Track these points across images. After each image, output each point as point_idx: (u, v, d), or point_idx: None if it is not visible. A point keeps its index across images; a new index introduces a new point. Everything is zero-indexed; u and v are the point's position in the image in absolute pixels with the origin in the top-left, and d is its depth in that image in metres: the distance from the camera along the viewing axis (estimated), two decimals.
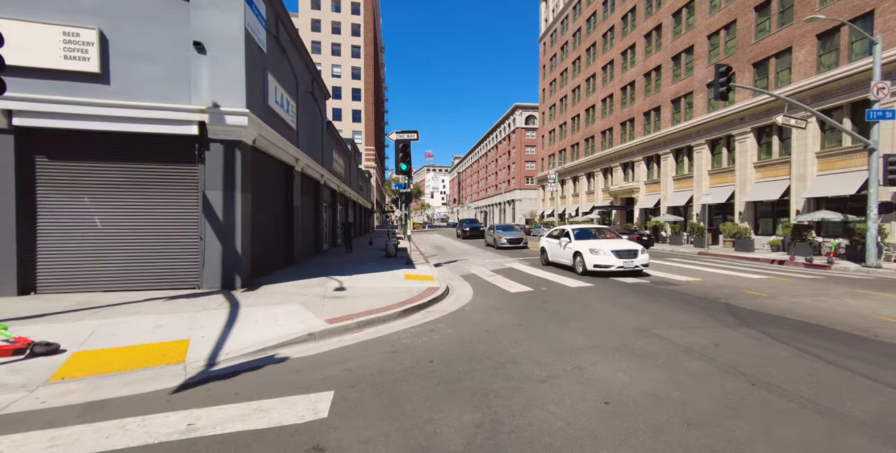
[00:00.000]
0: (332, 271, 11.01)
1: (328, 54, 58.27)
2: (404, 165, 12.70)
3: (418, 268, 12.23)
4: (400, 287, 8.60)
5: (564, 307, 6.63)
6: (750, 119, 22.60)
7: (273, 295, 7.59)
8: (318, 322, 5.59)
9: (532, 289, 8.52)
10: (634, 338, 4.73)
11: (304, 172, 13.78)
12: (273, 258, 11.01)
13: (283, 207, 12.02)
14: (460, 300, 7.66)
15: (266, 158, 10.28)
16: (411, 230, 13.54)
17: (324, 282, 9.09)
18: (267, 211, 10.54)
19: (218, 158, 7.99)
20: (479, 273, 11.58)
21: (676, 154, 29.45)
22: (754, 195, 22.10)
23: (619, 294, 7.69)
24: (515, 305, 6.91)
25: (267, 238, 10.48)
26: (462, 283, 9.74)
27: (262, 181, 10.05)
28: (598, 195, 40.08)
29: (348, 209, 26.27)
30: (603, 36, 39.36)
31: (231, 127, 7.93)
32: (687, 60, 28.10)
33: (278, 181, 11.57)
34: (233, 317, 5.87)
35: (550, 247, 13.10)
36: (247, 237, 8.49)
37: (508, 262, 13.98)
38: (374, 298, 7.32)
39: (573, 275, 10.50)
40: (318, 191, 16.43)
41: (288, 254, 12.34)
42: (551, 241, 13.19)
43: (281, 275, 10.12)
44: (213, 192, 7.99)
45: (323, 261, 13.92)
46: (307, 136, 14.44)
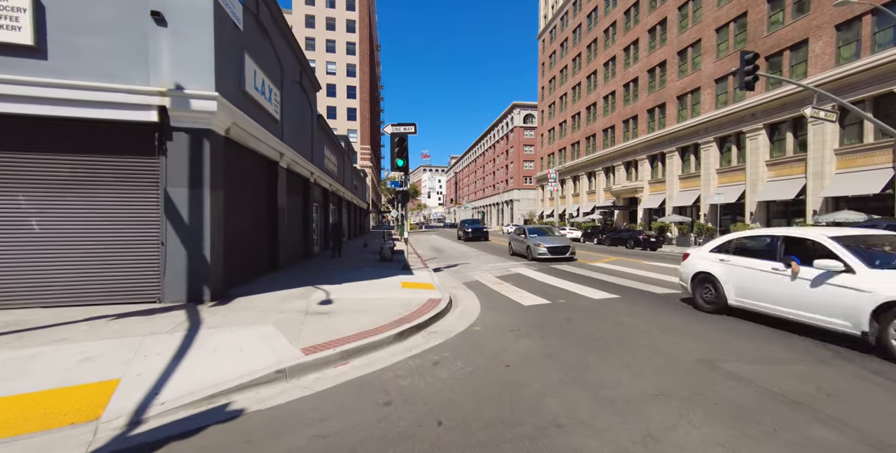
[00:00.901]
0: (319, 279, 9.85)
1: (322, 51, 56.97)
2: (401, 161, 11.56)
3: (416, 274, 11.09)
4: (396, 298, 7.46)
5: (595, 326, 5.51)
6: (762, 115, 21.64)
7: (246, 310, 6.42)
8: (291, 351, 4.44)
9: (549, 301, 7.40)
10: (706, 378, 3.60)
11: (291, 169, 12.60)
12: (253, 264, 9.83)
13: (265, 207, 10.83)
14: (467, 315, 6.53)
15: (244, 152, 9.10)
16: (408, 231, 12.37)
17: (308, 293, 7.93)
18: (246, 211, 9.36)
19: (182, 150, 6.82)
20: (484, 280, 10.45)
21: (682, 152, 28.49)
22: (767, 194, 21.14)
23: (655, 309, 6.58)
24: (535, 323, 5.79)
25: (245, 242, 9.30)
26: (466, 293, 8.61)
27: (239, 177, 8.87)
28: (599, 195, 39.11)
29: (342, 209, 25.07)
30: (604, 32, 38.39)
31: (198, 113, 6.75)
32: (694, 55, 27.14)
33: (260, 178, 10.39)
34: (187, 343, 4.70)
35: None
36: (218, 241, 7.31)
37: (515, 267, 12.87)
38: (364, 314, 6.17)
39: (591, 284, 9.40)
40: (307, 189, 15.25)
41: (271, 259, 11.15)
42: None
43: (261, 284, 8.95)
44: (176, 190, 6.81)
45: (312, 266, 12.74)
46: (294, 130, 13.25)
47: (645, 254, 18.77)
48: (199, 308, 6.52)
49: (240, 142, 8.59)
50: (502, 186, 71.93)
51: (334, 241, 15.07)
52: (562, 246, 14.85)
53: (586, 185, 42.08)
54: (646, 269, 12.07)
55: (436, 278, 10.57)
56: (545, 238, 15.61)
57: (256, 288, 8.49)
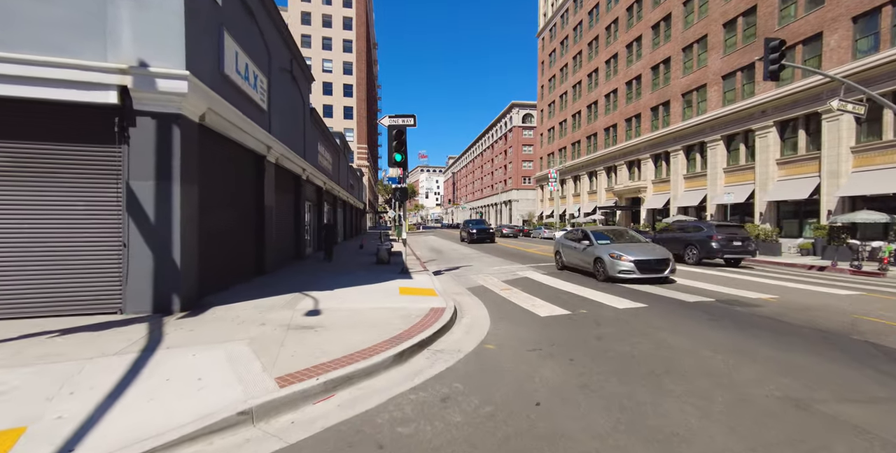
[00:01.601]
0: (309, 284, 8.94)
1: (318, 48, 56.01)
2: (399, 155, 10.67)
3: (416, 279, 10.20)
4: (394, 308, 6.56)
5: (631, 345, 4.64)
6: (773, 112, 20.92)
7: (219, 323, 5.51)
8: (263, 382, 3.54)
9: (567, 311, 6.53)
10: (804, 427, 2.73)
11: (280, 164, 11.68)
12: (236, 268, 8.91)
13: (251, 205, 9.91)
14: (476, 329, 5.65)
15: (225, 143, 8.18)
16: (407, 232, 11.47)
17: (295, 301, 7.02)
18: (227, 209, 8.44)
19: (148, 137, 5.90)
20: (490, 284, 9.58)
21: (688, 151, 27.77)
22: (778, 194, 20.41)
23: (693, 321, 5.71)
24: (558, 340, 4.92)
25: (227, 243, 8.38)
26: (472, 301, 7.73)
27: (219, 172, 7.96)
28: (600, 195, 38.36)
29: (336, 209, 24.14)
30: (606, 29, 37.68)
31: (165, 95, 5.84)
32: (700, 51, 26.42)
33: (244, 173, 9.47)
34: (136, 369, 3.79)
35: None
36: (190, 242, 6.40)
37: (521, 270, 12.00)
38: (357, 329, 5.28)
39: (610, 290, 8.55)
40: (299, 187, 14.33)
41: (258, 262, 10.23)
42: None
43: (243, 291, 8.03)
44: (140, 183, 5.90)
45: (303, 269, 11.82)
46: (284, 123, 12.34)
47: None
48: (165, 320, 5.60)
49: (219, 132, 7.67)
50: (501, 187, 71.17)
51: (326, 244, 13.81)
52: (657, 259, 9.51)
53: (587, 185, 41.34)
54: None
55: (437, 283, 9.69)
56: (626, 246, 10.19)
57: (237, 295, 7.57)
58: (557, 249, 12.36)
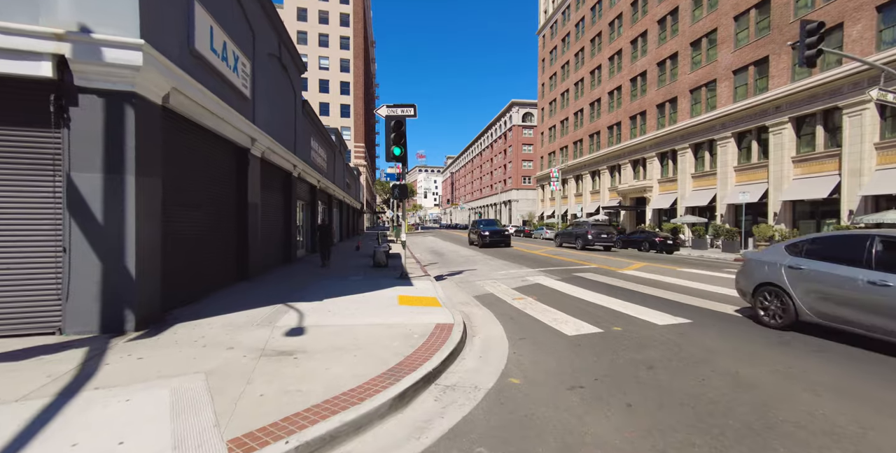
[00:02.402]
0: (297, 292, 7.91)
1: (315, 45, 54.93)
2: (398, 149, 9.66)
3: (416, 285, 9.19)
4: (392, 324, 5.55)
5: (696, 380, 3.60)
6: (788, 107, 20.02)
7: (177, 347, 4.48)
8: (211, 447, 2.52)
9: (598, 327, 5.53)
10: None
11: (268, 159, 10.64)
12: (212, 274, 7.87)
13: (232, 204, 8.87)
14: (493, 353, 4.64)
15: (198, 132, 7.15)
16: (405, 234, 10.46)
17: (275, 316, 5.99)
18: (202, 208, 7.39)
19: (94, 120, 4.87)
20: (499, 292, 8.58)
21: (696, 149, 26.86)
22: (794, 193, 19.50)
23: (758, 344, 4.66)
24: (599, 371, 3.91)
25: (201, 246, 7.34)
26: (482, 313, 6.73)
27: (191, 164, 6.92)
28: (604, 195, 37.44)
29: (332, 208, 23.08)
30: (609, 24, 36.78)
31: (115, 68, 4.80)
32: (709, 46, 25.52)
33: (224, 168, 8.43)
34: (37, 426, 2.76)
35: None
36: (150, 246, 5.36)
37: (531, 276, 11.00)
38: (346, 355, 4.26)
39: (638, 301, 7.56)
40: (289, 185, 13.28)
41: (240, 267, 9.19)
42: None
43: (219, 301, 6.99)
44: (85, 176, 4.86)
45: (292, 274, 10.78)
46: (272, 113, 11.30)
47: (667, 259, 17.01)
48: (112, 344, 4.57)
49: (191, 119, 6.63)
50: (500, 186, 70.22)
51: (321, 247, 12.25)
52: None
53: (590, 185, 40.42)
54: (687, 278, 10.26)
55: (440, 290, 8.68)
56: None
57: (211, 307, 6.53)
58: None
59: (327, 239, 12.34)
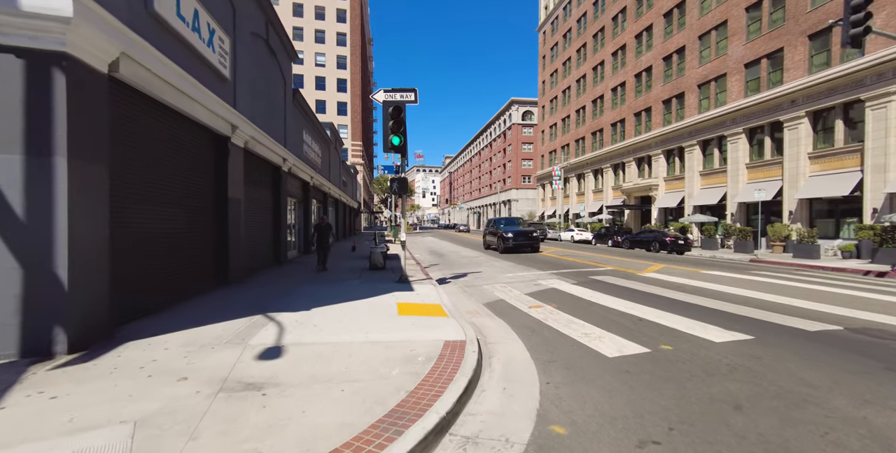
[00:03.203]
0: (281, 299, 6.88)
1: (311, 42, 53.85)
2: (396, 138, 8.64)
3: (417, 290, 8.19)
4: (391, 342, 4.53)
5: (823, 436, 2.58)
6: (804, 101, 19.12)
7: (112, 380, 3.45)
8: None
9: (643, 346, 4.53)
10: None
11: (252, 150, 9.60)
12: (184, 280, 6.83)
13: (209, 199, 7.83)
14: (519, 384, 3.64)
15: (162, 112, 6.11)
16: (405, 234, 9.43)
17: (250, 331, 4.97)
18: (170, 202, 6.36)
19: (11, 85, 3.84)
20: (512, 298, 7.58)
21: (704, 146, 25.96)
22: (811, 191, 18.58)
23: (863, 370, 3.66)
24: (671, 416, 2.90)
25: (167, 248, 6.30)
26: (496, 324, 5.73)
27: (153, 151, 5.88)
28: (607, 193, 36.53)
29: (327, 207, 22.03)
30: (613, 19, 35.89)
31: (39, 20, 3.78)
32: (718, 39, 24.62)
33: (198, 157, 7.39)
34: None
35: None
36: (90, 248, 4.33)
37: (542, 279, 10.01)
38: (332, 390, 3.25)
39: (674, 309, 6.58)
40: (278, 180, 12.24)
41: (219, 270, 8.15)
42: None
43: (188, 311, 5.96)
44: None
45: (280, 277, 9.75)
46: (257, 100, 10.27)
47: (681, 260, 16.07)
48: (29, 373, 3.54)
49: (152, 96, 5.60)
50: (499, 186, 69.27)
51: (318, 248, 10.93)
52: None
53: (592, 184, 39.51)
54: (717, 282, 9.29)
55: (444, 296, 7.68)
56: None
57: (177, 318, 5.50)
58: None
59: (325, 239, 10.95)
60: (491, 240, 20.19)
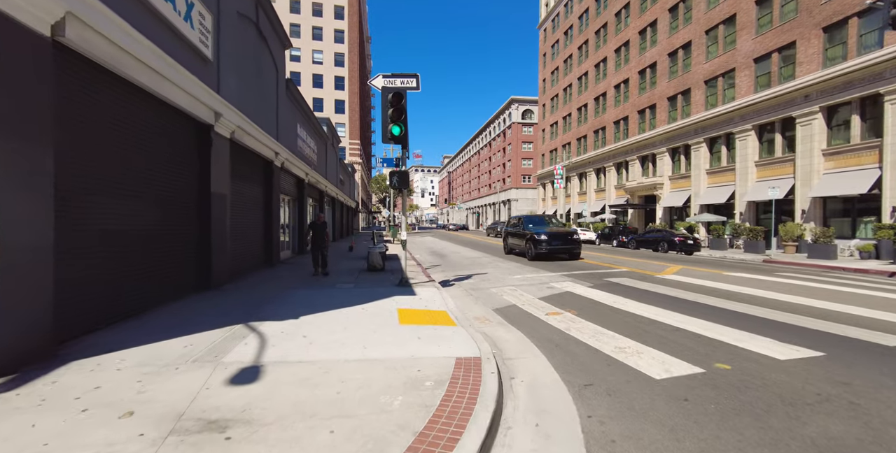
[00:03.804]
0: (267, 306, 6.13)
1: (308, 39, 53.04)
2: (397, 128, 7.89)
3: (420, 293, 7.45)
4: (392, 363, 3.79)
5: None
6: (818, 96, 18.47)
7: (32, 415, 2.69)
8: None
9: (694, 365, 3.78)
10: None
11: (240, 141, 8.84)
12: (157, 283, 6.06)
13: (189, 193, 7.06)
14: (553, 418, 2.90)
15: (127, 91, 5.35)
16: (406, 233, 8.69)
17: (226, 345, 4.21)
18: (140, 196, 5.59)
19: None
20: (525, 304, 6.85)
21: (711, 143, 25.31)
22: (826, 189, 17.92)
23: None
24: None
25: (137, 247, 5.54)
26: (513, 336, 4.99)
27: (116, 135, 5.12)
28: (609, 193, 35.85)
29: (323, 206, 21.25)
30: (616, 15, 35.23)
31: None
32: (726, 33, 23.97)
33: (175, 146, 6.63)
34: None
35: None
36: (25, 248, 3.57)
37: (554, 281, 9.28)
38: (317, 435, 2.49)
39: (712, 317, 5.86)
40: (270, 176, 11.48)
41: (200, 272, 7.38)
42: None
43: (158, 320, 5.20)
44: None
45: (269, 280, 8.99)
46: (245, 87, 9.51)
47: (693, 260, 15.37)
48: None
49: (114, 70, 4.84)
50: (499, 186, 68.58)
51: (314, 249, 9.64)
52: None
53: (594, 183, 38.84)
54: (746, 284, 8.58)
55: (449, 300, 6.95)
56: None
57: (142, 329, 4.74)
58: None
59: (322, 239, 9.74)
60: (515, 244, 16.26)
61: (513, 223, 17.72)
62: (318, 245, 9.71)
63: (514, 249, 16.74)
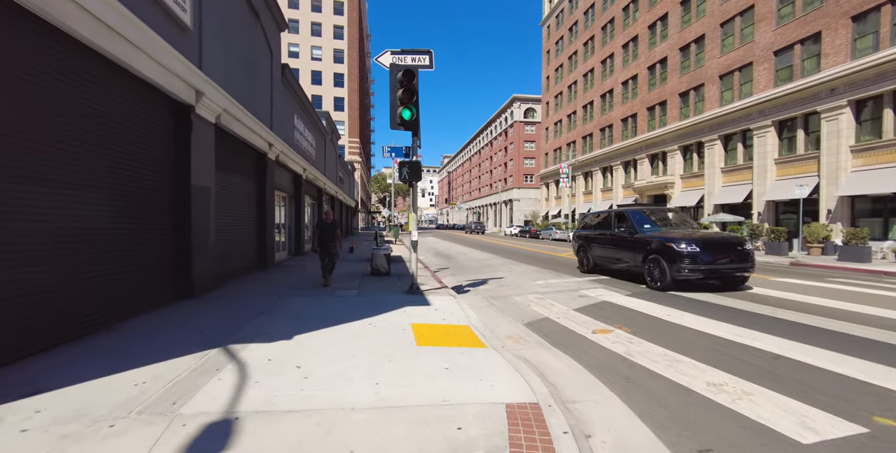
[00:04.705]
0: (254, 319, 5.04)
1: (307, 34, 51.92)
2: (407, 111, 6.82)
3: (434, 303, 6.40)
4: (417, 415, 2.70)
5: None
6: (846, 89, 17.47)
7: None
8: None
9: (842, 418, 2.73)
10: None
11: (227, 128, 7.75)
12: (122, 292, 4.96)
13: (164, 186, 5.97)
14: None
15: (75, 51, 4.26)
16: (416, 232, 7.59)
17: (192, 382, 3.13)
18: (89, 185, 4.51)
19: None
20: (561, 317, 5.79)
21: (726, 140, 24.31)
22: (854, 188, 16.93)
23: None
24: None
25: (82, 249, 4.44)
26: (562, 363, 3.92)
27: (57, 106, 4.03)
28: (617, 192, 34.84)
29: (322, 204, 20.16)
30: (623, 9, 34.24)
31: None
32: (743, 25, 22.98)
33: (144, 127, 5.54)
34: None
35: None
36: None
37: (583, 288, 8.21)
38: None
39: (816, 341, 4.80)
40: (263, 169, 10.39)
41: (179, 279, 6.28)
42: None
43: (112, 342, 4.11)
44: None
45: (260, 286, 7.90)
46: (233, 65, 8.43)
47: None
48: None
49: (53, 23, 3.76)
50: (500, 185, 67.53)
51: (321, 254, 8.05)
52: None
53: (600, 182, 37.83)
54: (806, 292, 7.52)
55: (469, 311, 5.89)
56: None
57: (85, 356, 3.66)
58: None
59: (332, 241, 8.07)
60: (609, 257, 9.69)
61: (599, 222, 10.43)
62: (327, 248, 8.05)
63: (604, 265, 9.97)
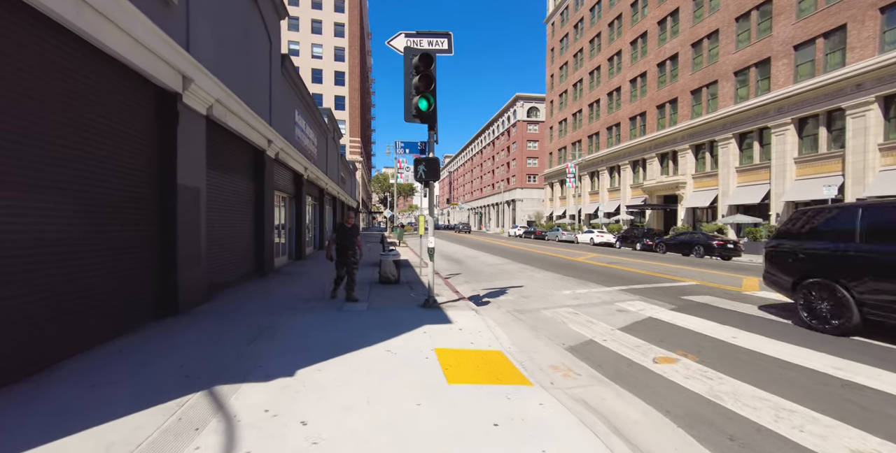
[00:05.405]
0: (249, 346, 4.21)
1: (307, 32, 51.05)
2: (424, 101, 5.99)
3: (455, 319, 5.60)
4: None
5: None
6: (872, 85, 16.68)
7: None
8: None
9: None
10: None
11: (220, 120, 6.90)
12: (85, 313, 4.13)
13: (147, 185, 5.13)
14: None
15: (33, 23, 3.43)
16: (433, 238, 6.72)
17: (166, 448, 2.28)
18: (50, 185, 3.67)
19: None
20: (607, 339, 4.97)
21: (741, 139, 23.50)
22: (883, 187, 16.12)
23: None
24: None
25: (40, 263, 3.60)
26: (639, 413, 3.09)
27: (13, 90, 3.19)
28: (625, 192, 34.01)
29: (324, 205, 19.32)
30: (632, 5, 33.43)
31: None
32: (760, 20, 22.18)
33: (122, 118, 4.70)
34: None
35: None
36: None
37: (620, 301, 7.39)
38: None
39: None
40: (262, 168, 9.55)
41: (162, 291, 5.44)
42: None
43: (66, 382, 3.27)
44: None
45: (258, 298, 7.06)
46: (227, 51, 7.60)
47: (742, 268, 13.50)
48: None
49: None
50: (503, 185, 66.68)
51: (338, 264, 6.81)
52: None
53: (607, 182, 37.02)
54: None
55: (498, 331, 5.10)
56: None
57: (14, 410, 2.82)
58: None
59: (351, 249, 6.81)
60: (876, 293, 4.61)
61: (842, 230, 5.21)
62: (346, 257, 6.78)
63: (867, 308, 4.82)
